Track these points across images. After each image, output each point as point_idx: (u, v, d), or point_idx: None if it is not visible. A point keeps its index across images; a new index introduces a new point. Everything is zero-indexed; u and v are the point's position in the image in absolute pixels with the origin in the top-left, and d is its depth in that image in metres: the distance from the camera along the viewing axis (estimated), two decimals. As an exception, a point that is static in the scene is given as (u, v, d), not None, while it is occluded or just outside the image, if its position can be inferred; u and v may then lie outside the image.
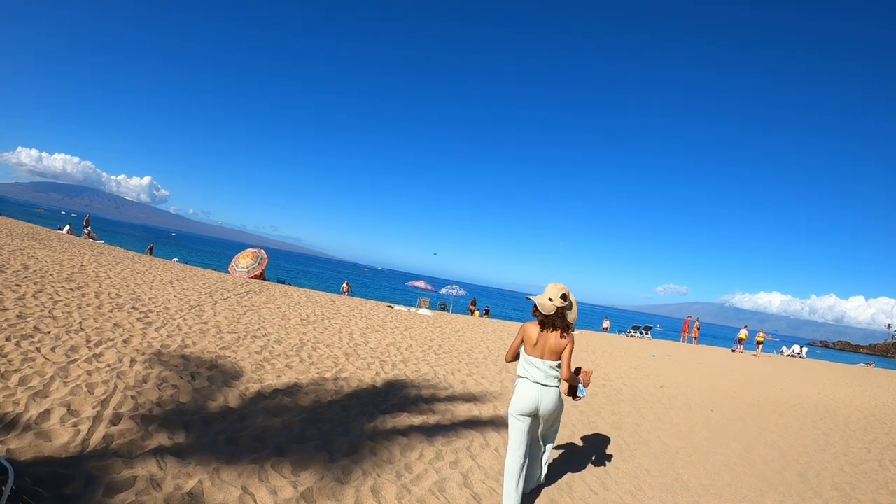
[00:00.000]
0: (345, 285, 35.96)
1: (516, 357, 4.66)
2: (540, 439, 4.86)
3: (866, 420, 13.10)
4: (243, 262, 27.03)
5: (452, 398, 8.18)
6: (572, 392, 4.92)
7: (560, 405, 4.62)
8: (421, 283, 38.03)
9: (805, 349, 39.07)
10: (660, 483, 6.29)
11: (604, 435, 7.89)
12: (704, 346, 35.56)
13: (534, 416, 4.44)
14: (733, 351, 33.31)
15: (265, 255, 27.77)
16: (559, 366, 4.42)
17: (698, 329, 36.09)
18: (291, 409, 6.13)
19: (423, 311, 23.49)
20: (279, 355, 8.60)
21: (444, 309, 33.47)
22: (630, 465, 6.73)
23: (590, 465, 6.45)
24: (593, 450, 7.08)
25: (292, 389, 6.88)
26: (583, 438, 7.60)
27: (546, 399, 4.37)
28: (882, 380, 27.99)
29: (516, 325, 26.35)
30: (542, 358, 4.37)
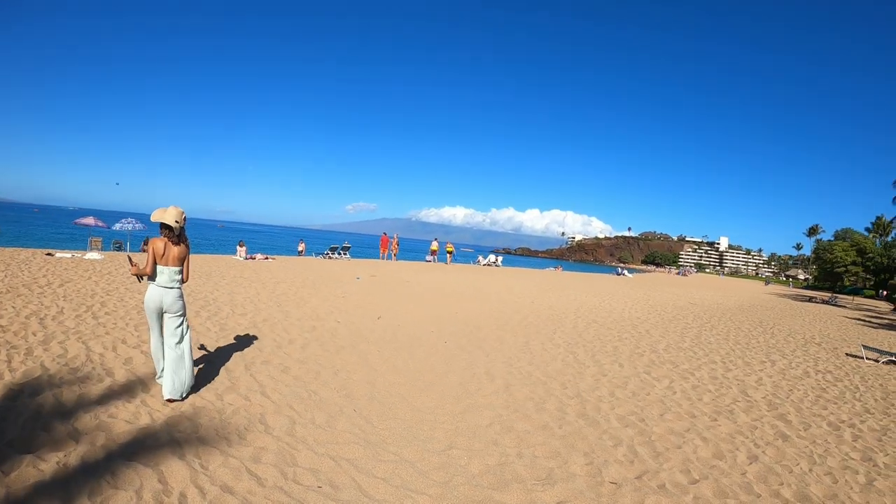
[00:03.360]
0: None
1: (155, 270, 5.77)
2: (172, 339, 5.84)
3: (591, 327, 13.82)
4: None
5: (110, 397, 5.61)
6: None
7: (181, 302, 5.92)
8: (90, 220, 32.67)
9: (500, 258, 43.25)
10: (436, 483, 4.49)
11: (335, 414, 5.79)
12: (403, 261, 36.44)
13: (161, 312, 5.81)
14: (428, 261, 37.70)
15: None
16: (181, 271, 5.93)
17: (398, 245, 36.80)
18: None
19: (92, 255, 19.44)
20: None
21: (119, 248, 28.64)
22: (387, 465, 4.75)
23: (332, 485, 4.29)
24: (330, 450, 4.91)
25: None
26: (314, 428, 5.37)
27: (168, 298, 5.76)
28: (575, 281, 32.02)
29: (200, 258, 23.33)
30: (167, 265, 5.76)
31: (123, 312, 9.52)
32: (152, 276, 5.73)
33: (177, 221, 5.71)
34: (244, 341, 8.45)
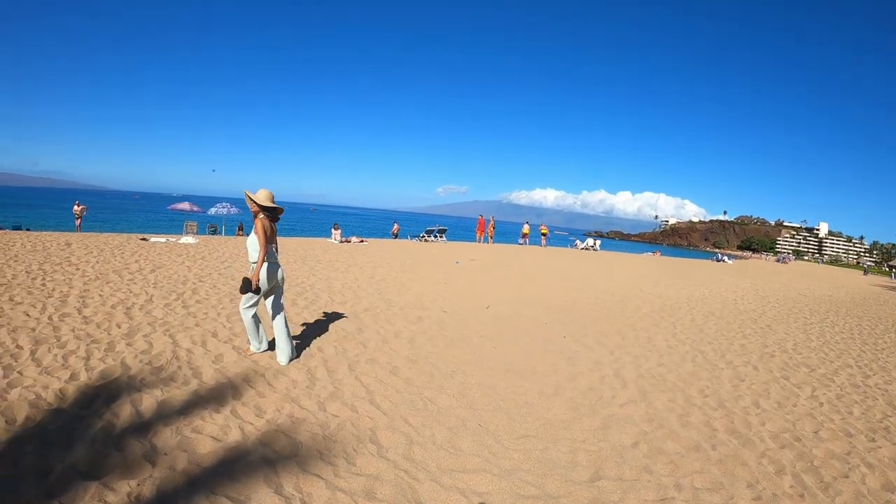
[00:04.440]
0: (77, 208, 28.20)
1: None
2: (272, 310, 6.39)
3: (710, 320, 12.67)
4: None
5: (196, 404, 4.98)
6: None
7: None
8: (186, 205, 34.81)
9: (598, 242, 41.84)
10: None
11: (457, 429, 5.03)
12: (499, 244, 35.77)
13: (275, 286, 6.34)
14: (521, 244, 37.08)
15: None
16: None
17: (493, 227, 36.17)
18: None
19: (187, 240, 19.83)
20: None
21: (214, 232, 29.42)
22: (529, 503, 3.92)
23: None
24: (457, 481, 4.17)
25: None
26: (434, 449, 4.64)
27: (280, 272, 6.37)
28: (676, 268, 30.32)
29: (295, 241, 23.53)
30: (273, 243, 6.29)
31: (216, 300, 9.17)
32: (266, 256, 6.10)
33: (273, 201, 6.36)
34: (345, 335, 7.86)
